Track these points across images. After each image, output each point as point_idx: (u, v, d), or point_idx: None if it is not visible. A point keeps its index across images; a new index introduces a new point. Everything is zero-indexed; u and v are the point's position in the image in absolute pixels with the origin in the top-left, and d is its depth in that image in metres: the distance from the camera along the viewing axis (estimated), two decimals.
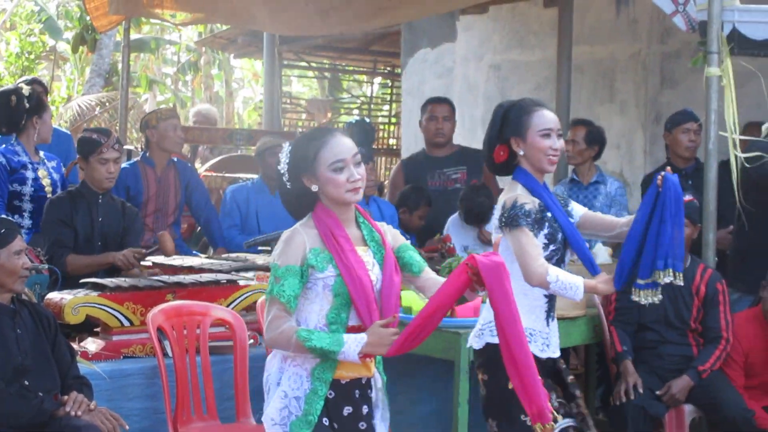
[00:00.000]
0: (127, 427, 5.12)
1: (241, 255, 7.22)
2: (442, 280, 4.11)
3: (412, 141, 11.91)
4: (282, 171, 4.04)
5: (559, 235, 4.75)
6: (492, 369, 4.72)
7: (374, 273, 4.02)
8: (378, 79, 19.69)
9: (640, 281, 4.62)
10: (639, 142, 10.30)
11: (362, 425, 4.07)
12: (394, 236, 4.19)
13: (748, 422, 6.12)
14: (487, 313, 4.70)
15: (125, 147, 8.57)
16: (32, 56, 19.46)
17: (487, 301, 3.98)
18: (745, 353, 6.43)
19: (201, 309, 5.81)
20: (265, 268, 6.70)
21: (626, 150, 10.58)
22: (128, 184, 7.76)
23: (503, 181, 10.02)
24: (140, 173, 7.94)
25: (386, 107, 19.31)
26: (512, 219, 4.62)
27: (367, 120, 16.28)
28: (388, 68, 17.61)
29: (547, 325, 4.79)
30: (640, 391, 6.15)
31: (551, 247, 4.73)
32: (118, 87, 13.59)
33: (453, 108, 8.58)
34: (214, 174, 11.04)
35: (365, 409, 4.08)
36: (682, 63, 9.28)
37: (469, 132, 11.46)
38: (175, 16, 12.02)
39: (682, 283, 4.67)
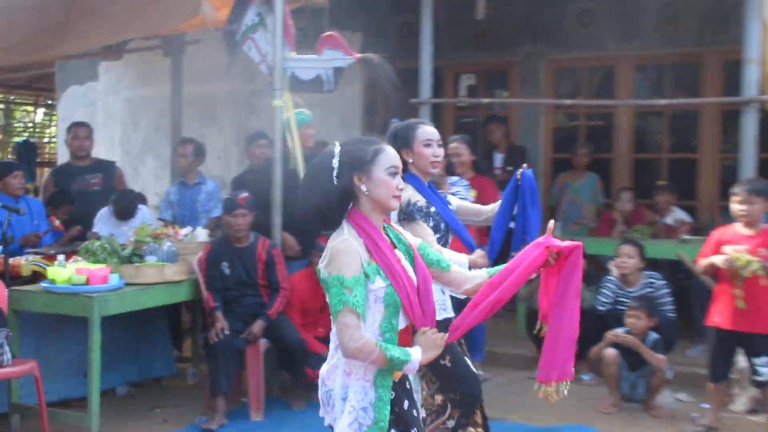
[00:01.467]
0: None
1: None
2: (469, 272, 3.46)
3: (65, 156, 11.62)
4: (334, 166, 3.17)
5: (442, 225, 4.60)
6: None
7: (411, 276, 3.27)
8: (42, 109, 18.99)
9: (513, 254, 4.38)
10: (234, 155, 10.58)
11: (416, 413, 3.37)
12: (411, 236, 3.44)
13: (302, 348, 6.37)
14: None
15: None
16: None
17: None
18: (302, 300, 6.67)
19: None
20: None
21: (225, 160, 10.86)
22: None
23: (137, 184, 10.03)
24: None
25: (49, 130, 18.71)
26: (409, 214, 4.45)
27: (32, 140, 15.74)
28: (49, 101, 17.05)
29: (443, 293, 4.61)
30: (227, 332, 6.26)
31: (436, 235, 4.56)
32: None
33: (91, 129, 8.47)
34: None
35: (414, 398, 3.39)
36: (264, 98, 9.58)
37: (109, 150, 11.37)
38: None
39: None
